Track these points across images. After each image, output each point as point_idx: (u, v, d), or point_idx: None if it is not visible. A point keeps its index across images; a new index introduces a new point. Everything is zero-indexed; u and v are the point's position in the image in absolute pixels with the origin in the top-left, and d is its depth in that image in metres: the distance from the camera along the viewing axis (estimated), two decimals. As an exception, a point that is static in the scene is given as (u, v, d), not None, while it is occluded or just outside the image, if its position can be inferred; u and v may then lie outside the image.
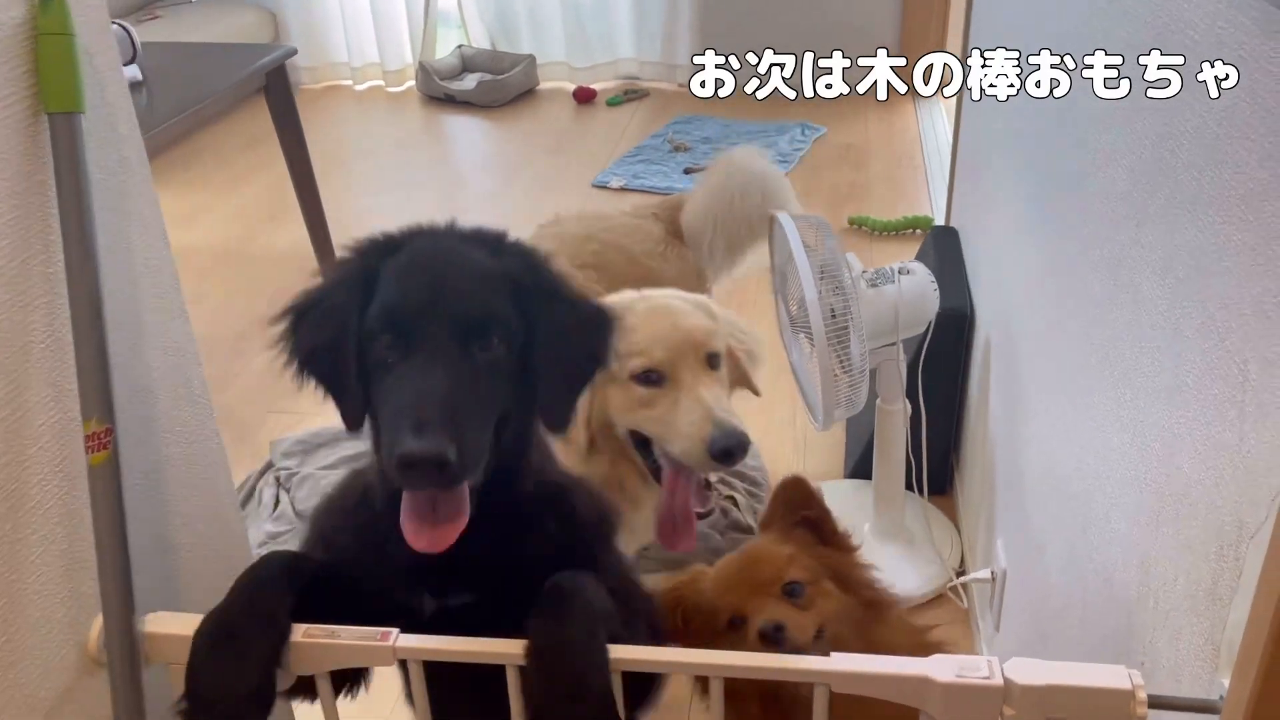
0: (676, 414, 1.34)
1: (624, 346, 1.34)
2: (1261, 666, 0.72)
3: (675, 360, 1.35)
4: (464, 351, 0.88)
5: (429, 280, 0.90)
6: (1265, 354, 0.76)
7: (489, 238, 0.98)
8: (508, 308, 0.92)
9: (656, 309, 1.41)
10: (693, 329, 1.38)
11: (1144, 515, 1.02)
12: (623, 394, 1.36)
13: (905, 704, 0.83)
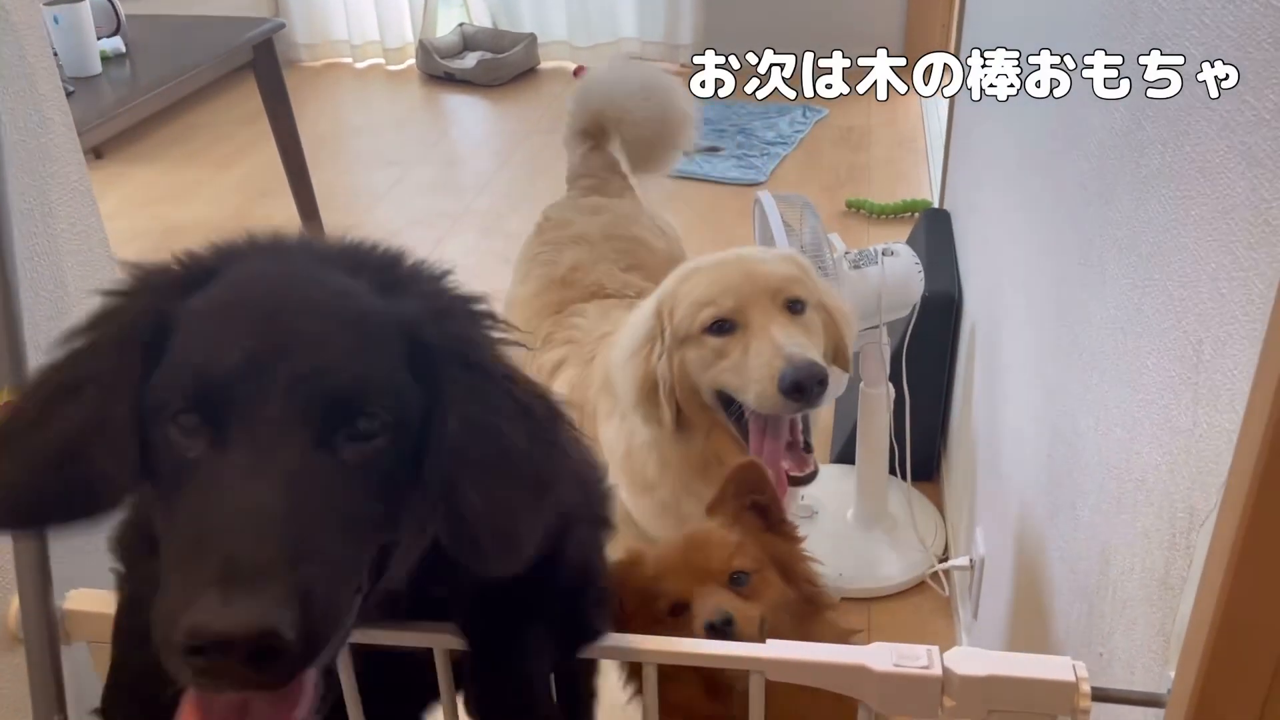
0: (748, 358, 1.25)
1: (694, 298, 1.30)
2: (1205, 659, 0.68)
3: (746, 306, 1.27)
4: (319, 443, 0.58)
5: (258, 329, 0.59)
6: (1218, 333, 0.72)
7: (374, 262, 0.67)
8: (397, 374, 0.62)
9: (726, 259, 1.34)
10: (767, 274, 1.30)
11: (1106, 502, 0.99)
12: (698, 350, 1.29)
13: (842, 693, 0.80)
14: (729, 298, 1.28)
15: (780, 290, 1.29)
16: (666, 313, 1.32)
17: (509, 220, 3.56)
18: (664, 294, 1.35)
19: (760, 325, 1.26)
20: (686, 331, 1.30)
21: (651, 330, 1.34)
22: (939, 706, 0.79)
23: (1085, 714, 0.77)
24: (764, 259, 1.34)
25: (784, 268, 1.32)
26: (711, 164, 3.81)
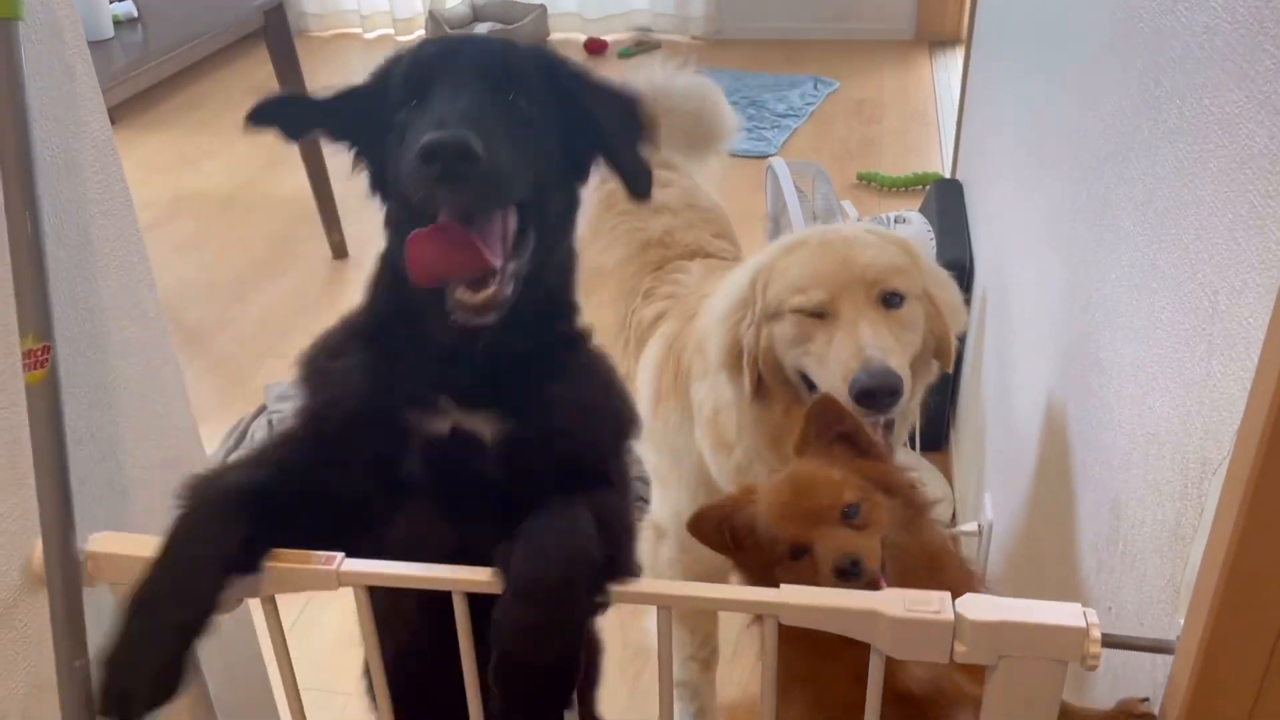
0: (829, 350, 1.21)
1: (790, 278, 1.25)
2: (1214, 603, 0.69)
3: (838, 296, 1.21)
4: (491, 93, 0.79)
5: (446, 44, 0.83)
6: (1234, 282, 0.73)
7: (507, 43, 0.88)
8: (535, 75, 0.84)
9: (830, 243, 1.26)
10: (867, 264, 1.22)
11: (1117, 459, 1.00)
12: (785, 329, 1.26)
13: (854, 638, 0.81)
14: (822, 287, 1.22)
15: (878, 282, 1.22)
16: (761, 284, 1.29)
17: (519, 191, 3.56)
18: (762, 263, 1.31)
19: (849, 319, 1.21)
20: (777, 309, 1.26)
21: (745, 297, 1.30)
22: (950, 651, 0.80)
23: (1095, 659, 0.78)
24: (867, 244, 1.25)
25: (887, 256, 1.25)
26: (722, 136, 3.81)
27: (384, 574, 0.89)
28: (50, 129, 0.88)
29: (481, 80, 0.79)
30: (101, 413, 0.98)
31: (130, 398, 1.01)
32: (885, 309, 1.22)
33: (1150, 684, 0.85)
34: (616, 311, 1.72)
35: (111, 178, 0.96)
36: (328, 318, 2.47)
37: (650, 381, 1.57)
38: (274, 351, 2.78)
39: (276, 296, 3.02)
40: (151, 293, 1.02)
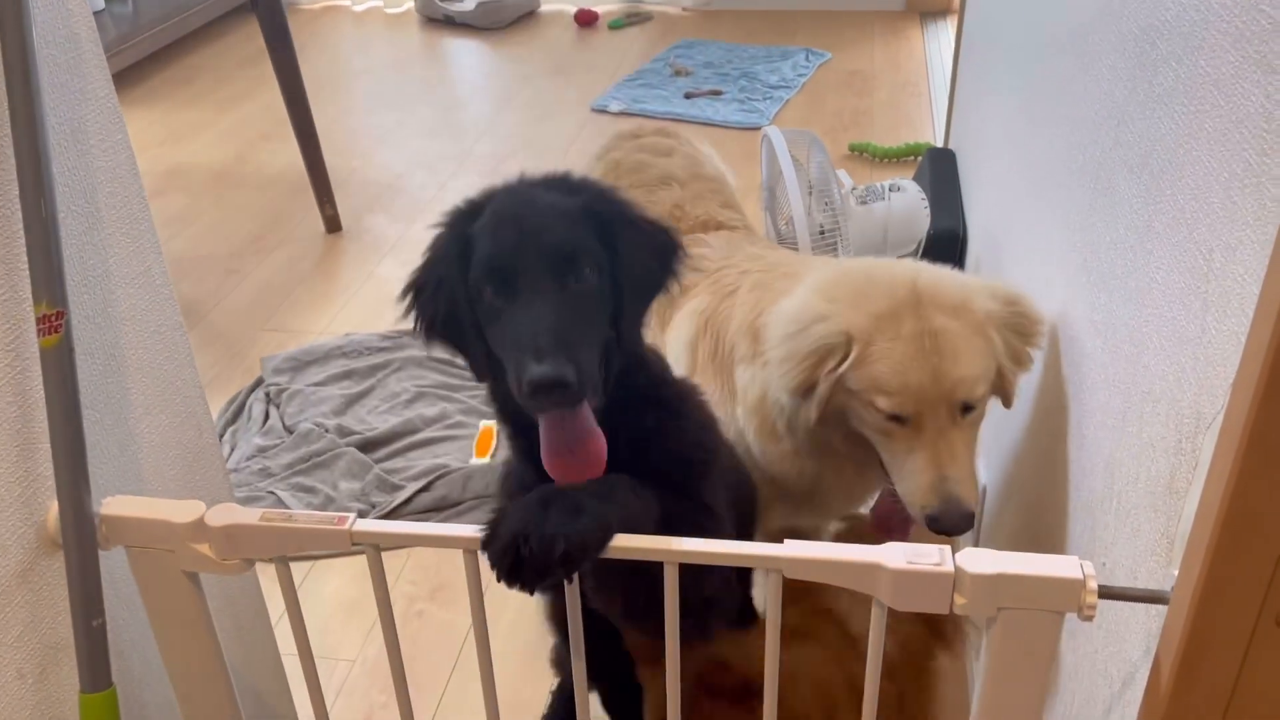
0: (907, 462, 1.23)
1: (876, 376, 1.22)
2: (1209, 554, 0.71)
3: (923, 411, 1.22)
4: (561, 285, 0.95)
5: (516, 229, 0.96)
6: (1228, 240, 0.74)
7: (559, 180, 1.05)
8: (591, 238, 0.98)
9: (922, 346, 1.21)
10: (957, 383, 1.20)
11: (1111, 418, 1.02)
12: (864, 411, 1.25)
13: (856, 590, 0.83)
14: (909, 401, 1.21)
15: (962, 397, 1.22)
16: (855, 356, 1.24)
17: (510, 164, 3.56)
18: (858, 327, 1.25)
19: (930, 436, 1.22)
20: (858, 392, 1.24)
21: (830, 350, 1.26)
22: (949, 603, 0.82)
23: (1091, 610, 0.80)
24: (959, 352, 1.21)
25: (974, 365, 1.22)
26: (714, 107, 3.80)
27: (394, 533, 0.90)
28: (56, 96, 0.89)
29: (554, 277, 0.95)
30: (112, 379, 0.99)
31: (139, 364, 1.02)
32: (963, 414, 1.23)
33: (1145, 635, 0.87)
34: None
35: (117, 145, 0.96)
36: (322, 291, 2.54)
37: (683, 356, 1.56)
38: (269, 325, 2.79)
39: (270, 270, 3.02)
40: (158, 260, 1.03)
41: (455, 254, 0.99)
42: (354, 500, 2.15)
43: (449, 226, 1.03)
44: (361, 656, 1.83)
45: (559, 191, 1.02)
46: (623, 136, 1.94)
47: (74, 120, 0.91)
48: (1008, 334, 1.27)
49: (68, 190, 0.91)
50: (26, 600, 0.89)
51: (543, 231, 0.96)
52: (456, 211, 1.04)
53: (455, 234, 1.01)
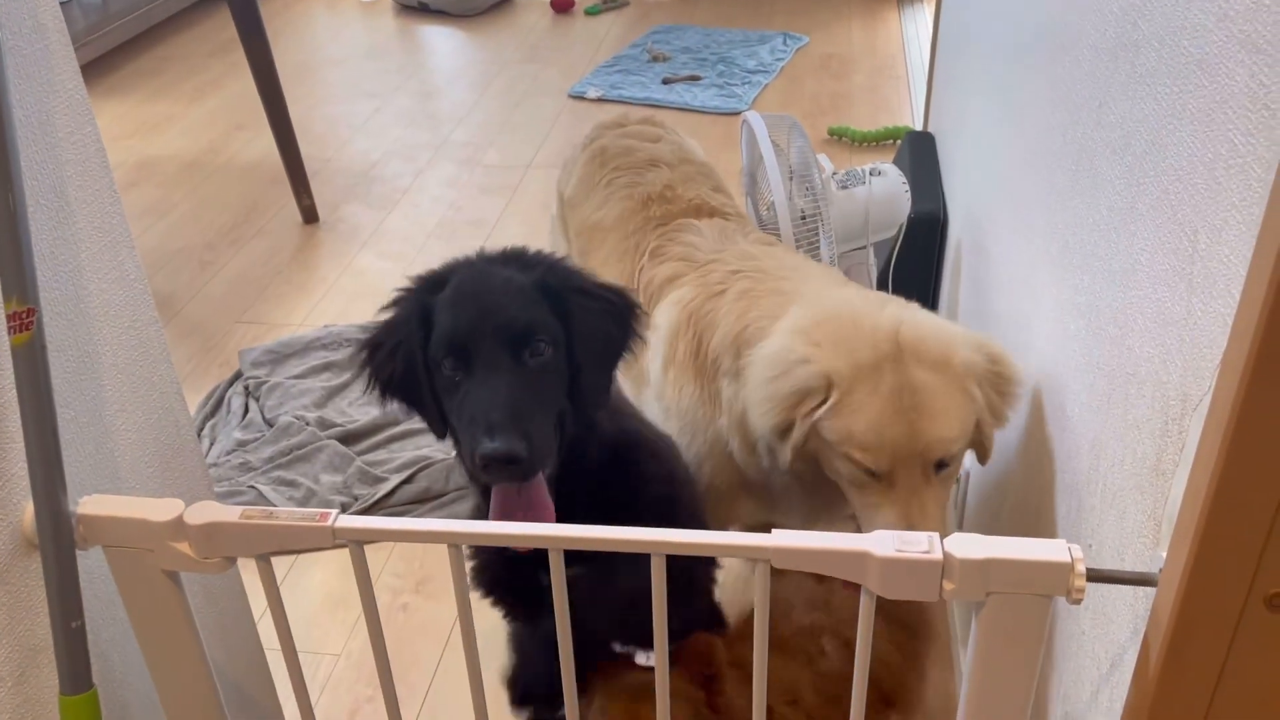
0: (877, 516, 1.23)
1: (853, 430, 1.21)
2: (1197, 535, 0.71)
3: (897, 467, 1.21)
4: (516, 360, 1.02)
5: (475, 306, 1.03)
6: (1213, 220, 0.74)
7: (515, 255, 1.12)
8: (545, 314, 1.04)
9: (898, 394, 1.20)
10: (933, 442, 1.20)
11: (1096, 400, 1.01)
12: (840, 463, 1.24)
13: (846, 579, 0.83)
14: (885, 457, 1.21)
15: (938, 455, 1.21)
16: (831, 404, 1.23)
17: (487, 152, 3.54)
18: (837, 371, 1.23)
19: (904, 491, 1.21)
20: (834, 442, 1.23)
21: (808, 392, 1.24)
22: (939, 589, 0.82)
23: (1080, 593, 0.80)
24: (935, 408, 1.20)
25: (951, 426, 1.21)
26: (692, 93, 3.79)
27: (377, 529, 0.89)
28: (23, 88, 0.87)
29: (510, 354, 1.02)
30: (86, 376, 0.97)
31: (114, 360, 1.01)
32: (937, 471, 1.23)
33: (1132, 617, 0.87)
34: (621, 269, 1.69)
35: (87, 137, 0.94)
36: (300, 282, 2.54)
37: (663, 347, 1.55)
38: (246, 317, 2.76)
39: (246, 262, 2.99)
40: (131, 254, 1.01)
41: (415, 320, 1.05)
42: (336, 493, 2.14)
43: (411, 293, 1.10)
44: (346, 650, 1.82)
45: (515, 266, 1.08)
46: (606, 126, 1.92)
47: (42, 113, 0.89)
48: (987, 389, 1.25)
49: (36, 184, 0.89)
50: (3, 602, 0.88)
51: (499, 309, 1.02)
52: (419, 280, 1.10)
53: (416, 301, 1.07)
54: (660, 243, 1.65)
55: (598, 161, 1.82)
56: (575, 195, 1.85)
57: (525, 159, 3.47)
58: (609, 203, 1.75)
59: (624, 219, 1.71)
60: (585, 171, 1.83)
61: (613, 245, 1.72)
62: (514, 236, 3.03)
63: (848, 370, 1.23)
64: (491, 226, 3.09)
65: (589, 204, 1.80)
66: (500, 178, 3.37)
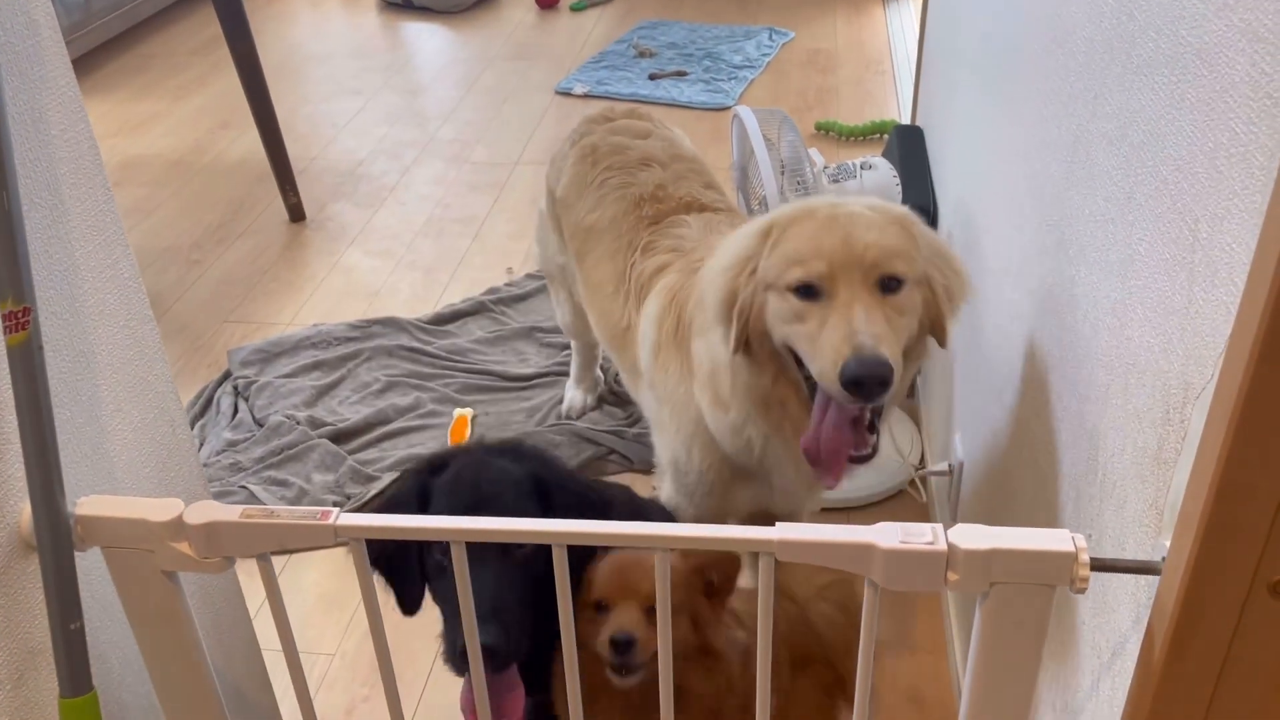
0: (822, 332, 1.19)
1: (789, 250, 1.23)
2: (1202, 524, 0.71)
3: (836, 275, 1.20)
4: (504, 554, 1.09)
5: (470, 496, 1.11)
6: (1215, 210, 0.74)
7: (511, 447, 1.21)
8: (533, 508, 1.13)
9: (836, 218, 1.23)
10: (868, 245, 1.20)
11: (1095, 390, 1.02)
12: (779, 303, 1.24)
13: (850, 571, 0.83)
14: (820, 263, 1.20)
15: (877, 265, 1.21)
16: (771, 241, 1.27)
17: (474, 149, 3.52)
18: (776, 219, 1.29)
19: (844, 301, 1.19)
20: (773, 280, 1.25)
21: (751, 252, 1.29)
22: (943, 580, 0.82)
23: (1084, 582, 0.81)
24: (871, 224, 1.23)
25: (888, 239, 1.22)
26: (679, 88, 3.78)
27: (379, 526, 0.89)
28: (16, 85, 0.86)
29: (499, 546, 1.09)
30: (82, 376, 0.96)
31: (109, 360, 1.00)
32: (882, 293, 1.21)
33: (1133, 605, 0.88)
34: (614, 266, 1.70)
35: (80, 135, 0.93)
36: (288, 281, 2.54)
37: (651, 332, 1.57)
38: (234, 316, 2.74)
39: (233, 261, 2.98)
40: (126, 252, 1.00)
41: (414, 500, 1.14)
42: (328, 492, 2.13)
43: (414, 474, 1.18)
44: (341, 650, 1.81)
45: (510, 458, 1.17)
46: (593, 120, 1.92)
47: (34, 110, 0.88)
48: (934, 254, 1.29)
49: (30, 182, 0.88)
50: (1, 605, 0.87)
51: (491, 502, 1.11)
52: (423, 462, 1.20)
53: (418, 481, 1.15)
54: (651, 238, 1.66)
55: (589, 161, 1.81)
56: (567, 195, 1.84)
57: (513, 156, 3.46)
58: (602, 204, 1.75)
59: (617, 220, 1.71)
60: (577, 171, 1.83)
61: (607, 245, 1.72)
62: (502, 234, 3.03)
63: (783, 215, 1.29)
64: (480, 224, 3.09)
65: (582, 205, 1.80)
66: (488, 175, 3.36)
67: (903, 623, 1.81)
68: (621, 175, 1.76)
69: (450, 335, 2.62)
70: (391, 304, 2.75)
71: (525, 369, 2.49)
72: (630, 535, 0.88)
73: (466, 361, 2.51)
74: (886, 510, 2.04)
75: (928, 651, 1.75)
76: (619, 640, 1.07)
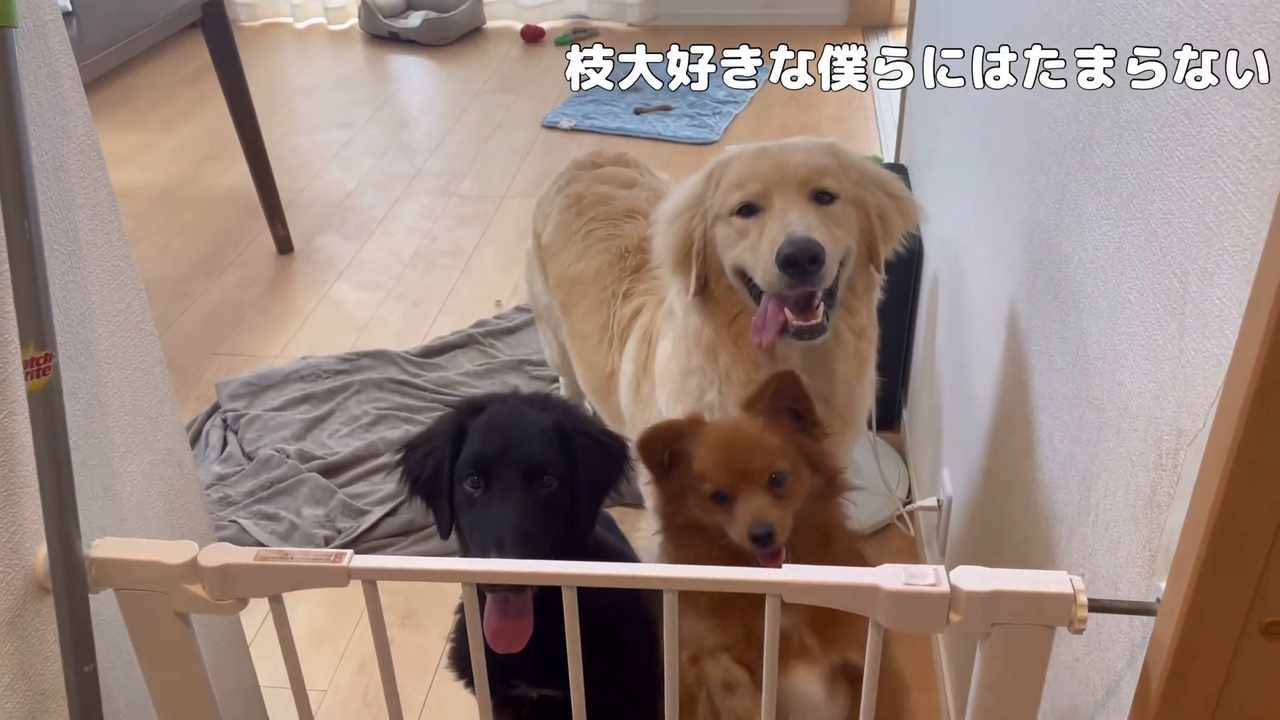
0: (761, 238, 1.31)
1: (728, 179, 1.36)
2: (1197, 566, 0.74)
3: (771, 192, 1.33)
4: (528, 488, 1.18)
5: (503, 438, 1.20)
6: (1204, 265, 0.78)
7: (541, 399, 1.30)
8: (556, 453, 1.21)
9: (767, 149, 1.39)
10: (797, 165, 1.34)
11: (1086, 432, 1.05)
12: (725, 229, 1.36)
13: (855, 612, 0.85)
14: (756, 183, 1.33)
15: (809, 180, 1.34)
16: (714, 181, 1.39)
17: (462, 181, 3.55)
18: (717, 165, 1.41)
19: (780, 209, 1.32)
20: (719, 210, 1.36)
21: (699, 196, 1.40)
22: (945, 621, 0.84)
23: (1082, 623, 0.83)
24: (799, 148, 1.38)
25: (816, 158, 1.36)
26: (664, 123, 3.83)
27: (391, 569, 0.90)
28: (38, 134, 0.87)
29: (524, 482, 1.18)
30: (95, 419, 0.97)
31: (121, 403, 1.01)
32: (816, 204, 1.34)
33: (1128, 645, 0.90)
34: (599, 318, 1.74)
35: (98, 182, 0.95)
36: (276, 313, 2.57)
37: (629, 367, 1.60)
38: (222, 349, 2.75)
39: (221, 293, 2.98)
40: (139, 295, 1.02)
41: (451, 435, 1.22)
42: (319, 527, 2.13)
43: (454, 411, 1.27)
44: (333, 686, 1.81)
45: (539, 407, 1.27)
46: (581, 166, 1.95)
47: (56, 158, 0.90)
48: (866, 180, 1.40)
49: (50, 229, 0.89)
50: (15, 647, 0.88)
51: (521, 444, 1.20)
52: (463, 403, 1.29)
53: (455, 420, 1.24)
54: (631, 285, 1.72)
55: (574, 210, 1.85)
56: (553, 243, 1.88)
57: (500, 189, 3.49)
58: (587, 255, 1.79)
59: (602, 272, 1.76)
60: (562, 220, 1.86)
61: (592, 298, 1.77)
62: (490, 266, 3.05)
63: (725, 156, 1.40)
64: (468, 256, 3.11)
65: (567, 254, 1.83)
66: (475, 207, 3.39)
67: (893, 656, 1.82)
68: (606, 227, 1.79)
69: (439, 368, 2.63)
70: (380, 336, 2.76)
71: (515, 402, 2.50)
72: (637, 577, 0.89)
73: (456, 394, 2.52)
74: (875, 543, 2.06)
75: (920, 689, 1.76)
76: (759, 534, 1.09)
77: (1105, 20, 1.03)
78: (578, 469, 1.22)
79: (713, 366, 1.42)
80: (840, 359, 1.42)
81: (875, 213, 1.40)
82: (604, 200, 1.84)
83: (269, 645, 1.77)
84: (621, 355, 1.68)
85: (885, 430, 2.28)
